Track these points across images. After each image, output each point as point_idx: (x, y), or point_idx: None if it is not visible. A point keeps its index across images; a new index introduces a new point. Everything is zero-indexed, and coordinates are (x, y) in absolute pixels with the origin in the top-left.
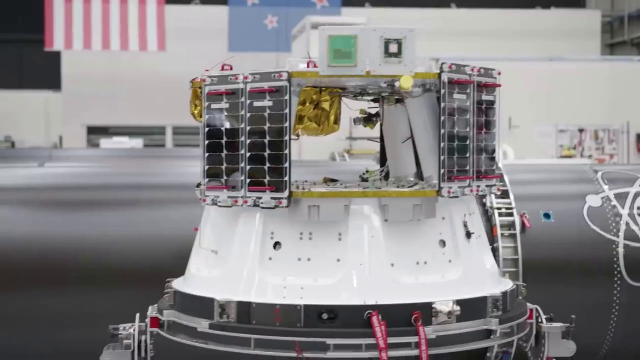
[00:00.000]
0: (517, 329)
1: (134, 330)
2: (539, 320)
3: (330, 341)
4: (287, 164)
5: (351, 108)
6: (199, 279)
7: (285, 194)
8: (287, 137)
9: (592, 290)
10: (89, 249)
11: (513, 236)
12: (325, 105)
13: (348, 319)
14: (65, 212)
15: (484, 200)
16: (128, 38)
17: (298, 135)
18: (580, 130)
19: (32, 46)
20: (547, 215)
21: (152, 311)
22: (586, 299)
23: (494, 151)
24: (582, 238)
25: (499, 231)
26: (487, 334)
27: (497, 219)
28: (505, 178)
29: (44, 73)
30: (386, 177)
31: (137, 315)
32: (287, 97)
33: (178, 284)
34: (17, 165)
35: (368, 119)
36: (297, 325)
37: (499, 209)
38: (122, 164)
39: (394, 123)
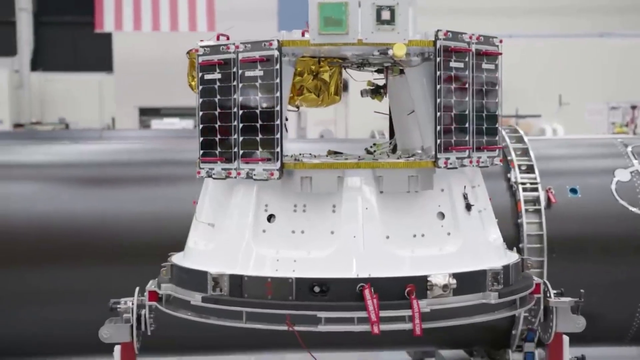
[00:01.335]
0: (519, 303)
1: (132, 304)
2: (547, 295)
3: (322, 314)
4: (278, 135)
5: (356, 79)
6: (196, 252)
7: (277, 165)
8: (278, 108)
9: (619, 266)
10: (108, 225)
11: (538, 212)
12: (325, 76)
13: (340, 292)
14: (86, 188)
15: (508, 175)
16: (178, 19)
17: (298, 107)
18: (633, 107)
19: (85, 28)
20: (573, 191)
21: (151, 285)
22: (614, 276)
23: (496, 121)
24: (610, 213)
25: (523, 207)
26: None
27: (521, 194)
28: (531, 153)
29: (98, 55)
30: (394, 150)
31: (137, 289)
32: (277, 66)
33: (177, 257)
34: (46, 143)
35: (375, 91)
36: (288, 299)
37: (523, 184)
38: (158, 143)
39: (399, 94)
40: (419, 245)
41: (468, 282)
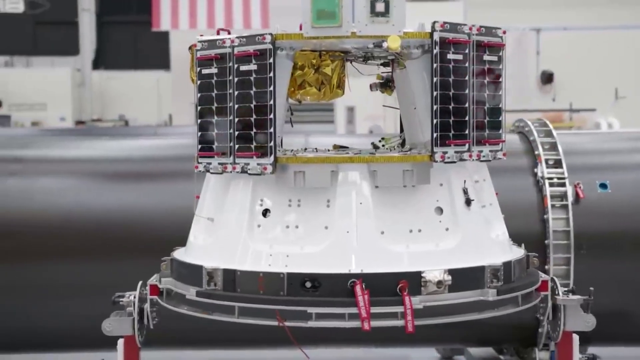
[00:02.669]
0: (521, 301)
1: (134, 297)
2: (556, 292)
3: (312, 310)
4: (272, 129)
5: (362, 73)
6: (196, 246)
7: (270, 159)
8: (271, 102)
9: None
10: (145, 219)
11: (565, 207)
12: (327, 70)
13: (332, 288)
14: (123, 183)
15: (535, 170)
16: (232, 16)
17: (300, 101)
18: None
19: (145, 27)
20: (603, 186)
21: (153, 279)
22: None
23: (500, 114)
24: None
25: (549, 202)
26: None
27: (548, 190)
28: (559, 147)
29: (157, 53)
30: (404, 144)
31: (140, 282)
32: (271, 60)
33: (180, 252)
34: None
35: (385, 85)
36: (280, 294)
37: (550, 179)
38: None
39: (405, 88)
40: (415, 241)
41: (465, 278)
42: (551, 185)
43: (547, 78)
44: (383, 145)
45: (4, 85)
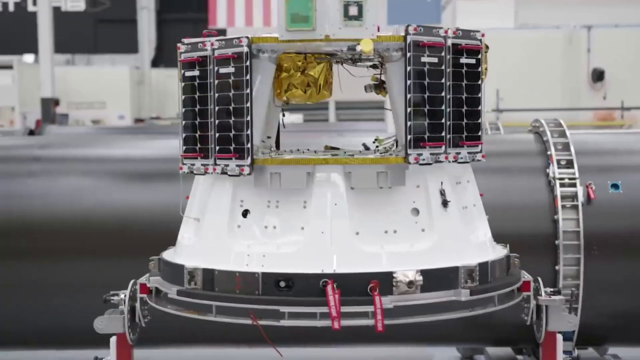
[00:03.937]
0: (500, 301)
1: (125, 296)
2: (539, 293)
3: (285, 309)
4: (249, 131)
5: (354, 75)
6: (182, 246)
7: (247, 161)
8: (248, 104)
9: None
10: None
11: (576, 208)
12: (313, 72)
13: (305, 288)
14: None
15: (547, 170)
16: None
17: (287, 103)
18: None
19: (205, 25)
20: (615, 186)
21: (144, 278)
22: None
23: (479, 116)
24: None
25: (559, 202)
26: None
27: (559, 190)
28: (571, 147)
29: None
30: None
31: (131, 281)
32: (247, 63)
33: (170, 252)
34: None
35: (379, 86)
36: (255, 293)
37: (561, 179)
38: None
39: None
40: (390, 242)
41: (438, 278)
42: (562, 185)
43: (598, 76)
44: (377, 147)
45: (65, 84)
